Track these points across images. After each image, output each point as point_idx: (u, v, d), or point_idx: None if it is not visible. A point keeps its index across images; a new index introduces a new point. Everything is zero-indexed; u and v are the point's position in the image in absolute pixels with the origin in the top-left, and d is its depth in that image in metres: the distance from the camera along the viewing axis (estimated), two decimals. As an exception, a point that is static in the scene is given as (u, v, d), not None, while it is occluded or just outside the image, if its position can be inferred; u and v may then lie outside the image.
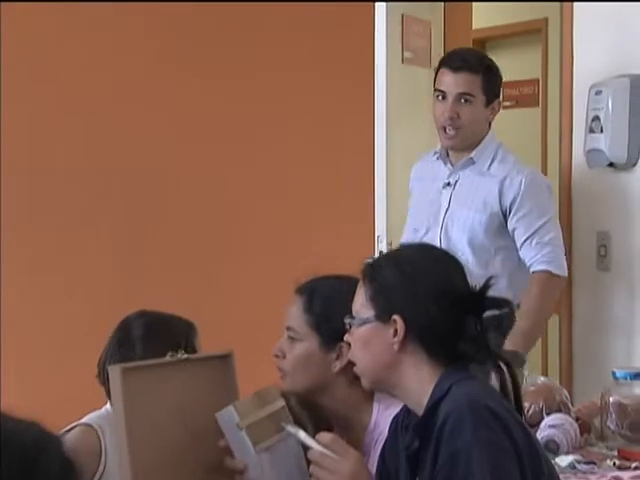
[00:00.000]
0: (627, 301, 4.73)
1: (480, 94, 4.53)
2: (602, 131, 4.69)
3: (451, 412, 2.50)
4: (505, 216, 4.50)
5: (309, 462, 2.65)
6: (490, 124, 4.61)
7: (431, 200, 4.65)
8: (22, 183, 4.91)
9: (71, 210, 5.04)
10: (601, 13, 4.82)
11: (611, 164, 4.72)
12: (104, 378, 3.32)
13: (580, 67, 4.98)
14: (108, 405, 3.37)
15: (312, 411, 3.08)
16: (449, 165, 4.63)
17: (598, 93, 4.73)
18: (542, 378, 4.27)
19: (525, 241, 4.49)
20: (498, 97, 4.59)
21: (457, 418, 2.48)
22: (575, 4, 4.98)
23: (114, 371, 2.73)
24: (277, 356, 3.10)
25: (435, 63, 5.00)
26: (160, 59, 5.37)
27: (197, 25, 5.46)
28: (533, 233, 4.49)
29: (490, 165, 4.57)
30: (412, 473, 2.62)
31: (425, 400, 2.59)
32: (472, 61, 4.56)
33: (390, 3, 5.49)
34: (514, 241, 4.50)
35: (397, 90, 5.57)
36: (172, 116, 5.39)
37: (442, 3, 5.85)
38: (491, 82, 4.57)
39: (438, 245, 4.38)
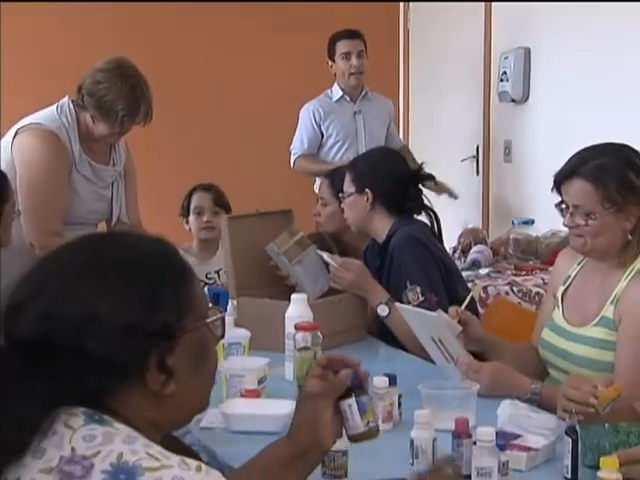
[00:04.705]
0: (521, 180, 4.64)
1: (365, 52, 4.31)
2: (508, 81, 4.57)
3: (397, 243, 2.55)
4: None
5: (327, 269, 2.65)
6: None
7: (347, 125, 4.28)
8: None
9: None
10: (495, 9, 4.66)
11: (513, 100, 4.61)
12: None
13: (495, 42, 4.83)
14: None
15: (338, 243, 3.04)
16: (351, 101, 4.31)
17: (506, 58, 4.62)
18: (471, 225, 4.28)
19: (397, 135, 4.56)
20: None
21: (400, 246, 2.54)
22: (493, 4, 4.79)
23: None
24: (315, 215, 3.09)
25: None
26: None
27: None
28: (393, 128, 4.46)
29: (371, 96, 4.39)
30: (378, 282, 2.63)
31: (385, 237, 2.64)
32: (359, 33, 4.27)
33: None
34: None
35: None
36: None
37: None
38: (366, 45, 4.29)
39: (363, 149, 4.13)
